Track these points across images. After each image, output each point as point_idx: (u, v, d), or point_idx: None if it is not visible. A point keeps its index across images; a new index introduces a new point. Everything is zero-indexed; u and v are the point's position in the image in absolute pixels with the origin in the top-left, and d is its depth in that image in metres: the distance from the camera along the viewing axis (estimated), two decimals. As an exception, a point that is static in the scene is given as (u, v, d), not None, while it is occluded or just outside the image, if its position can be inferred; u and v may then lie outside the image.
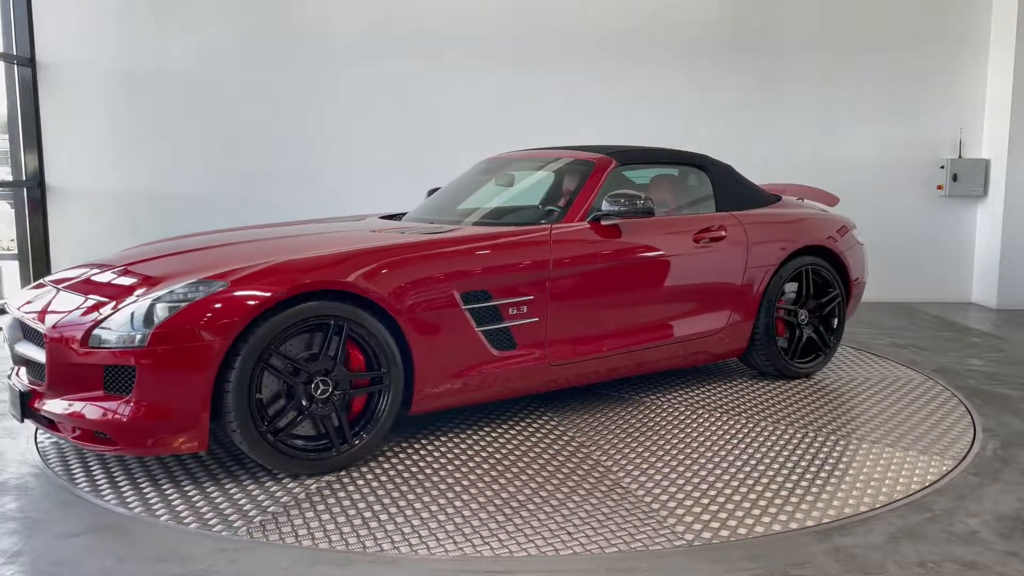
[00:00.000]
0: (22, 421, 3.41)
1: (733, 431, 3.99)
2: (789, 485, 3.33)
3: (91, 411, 3.12)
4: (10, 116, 7.20)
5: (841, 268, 5.04)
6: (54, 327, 3.25)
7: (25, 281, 7.23)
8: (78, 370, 3.16)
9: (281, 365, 3.24)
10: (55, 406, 3.21)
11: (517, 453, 3.68)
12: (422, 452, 3.69)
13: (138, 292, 3.28)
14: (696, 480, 3.37)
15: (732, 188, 4.88)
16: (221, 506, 3.09)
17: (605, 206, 4.11)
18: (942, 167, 7.84)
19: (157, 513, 3.03)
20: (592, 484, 3.32)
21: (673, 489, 3.27)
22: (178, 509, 3.07)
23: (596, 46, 7.58)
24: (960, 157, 7.83)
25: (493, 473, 3.44)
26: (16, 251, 7.35)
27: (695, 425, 4.07)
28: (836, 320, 5.00)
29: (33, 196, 7.25)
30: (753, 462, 3.58)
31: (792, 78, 7.73)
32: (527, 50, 7.52)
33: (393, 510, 3.07)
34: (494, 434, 3.94)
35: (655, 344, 4.35)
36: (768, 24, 7.69)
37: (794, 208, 5.18)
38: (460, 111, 7.53)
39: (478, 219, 4.49)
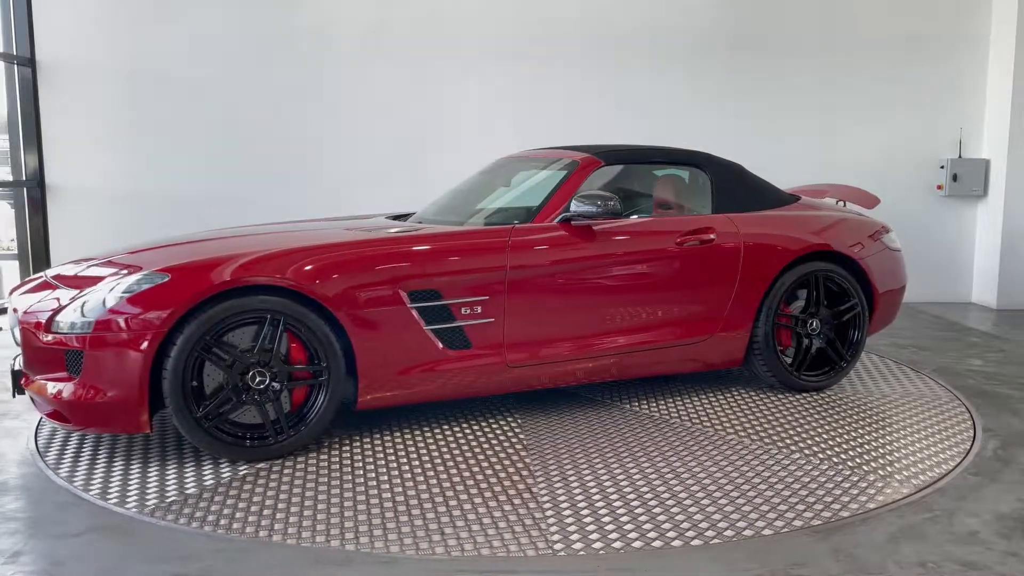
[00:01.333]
0: (14, 396, 3.74)
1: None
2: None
3: (49, 391, 3.39)
4: (10, 116, 7.19)
5: (862, 276, 4.72)
6: (27, 313, 3.53)
7: (25, 281, 7.24)
8: (44, 353, 3.42)
9: (221, 355, 3.38)
10: (29, 385, 3.51)
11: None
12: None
13: (101, 284, 3.49)
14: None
15: (732, 188, 4.65)
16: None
17: (574, 207, 4.03)
18: (942, 167, 7.84)
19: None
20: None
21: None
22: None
23: (597, 46, 7.57)
24: (960, 157, 7.83)
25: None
26: (16, 251, 7.35)
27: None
28: (855, 332, 4.66)
29: (33, 196, 7.24)
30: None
31: (792, 78, 7.72)
32: (527, 50, 7.51)
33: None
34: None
35: (632, 349, 4.21)
36: (768, 24, 7.69)
37: (808, 211, 4.83)
38: (460, 111, 7.52)
39: (480, 219, 4.47)
